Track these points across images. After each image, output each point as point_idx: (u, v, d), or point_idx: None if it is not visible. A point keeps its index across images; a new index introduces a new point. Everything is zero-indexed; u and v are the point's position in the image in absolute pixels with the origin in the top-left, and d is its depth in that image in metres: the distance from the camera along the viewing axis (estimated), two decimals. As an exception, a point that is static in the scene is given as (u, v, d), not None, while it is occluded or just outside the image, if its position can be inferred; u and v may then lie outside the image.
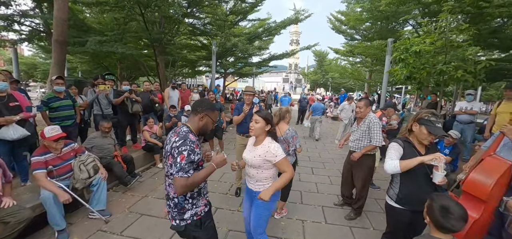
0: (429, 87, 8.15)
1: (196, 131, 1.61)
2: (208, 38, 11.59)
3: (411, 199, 1.85)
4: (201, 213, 1.63)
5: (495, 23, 7.35)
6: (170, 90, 6.45)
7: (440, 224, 1.34)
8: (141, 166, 4.85)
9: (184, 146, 1.43)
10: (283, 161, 1.82)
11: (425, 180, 1.81)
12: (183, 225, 1.58)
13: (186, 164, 1.41)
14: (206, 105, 1.64)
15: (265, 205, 1.90)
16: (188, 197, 1.58)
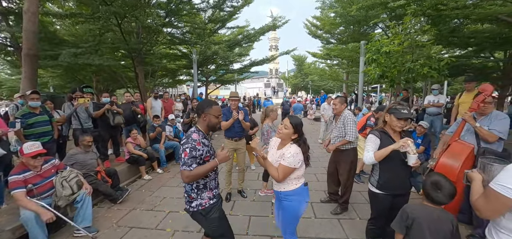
0: (401, 85, 8.79)
1: (205, 129, 1.86)
2: (188, 47, 11.53)
3: (390, 184, 2.03)
4: (205, 204, 1.83)
5: (453, 23, 8.14)
6: (153, 100, 6.34)
7: (431, 197, 1.57)
8: (126, 179, 4.70)
9: (187, 144, 1.70)
10: (284, 168, 1.84)
11: (401, 167, 1.98)
12: (191, 211, 1.86)
13: (189, 159, 1.67)
14: (205, 105, 1.87)
15: (293, 207, 1.94)
16: (194, 187, 1.82)
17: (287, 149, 1.89)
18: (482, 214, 1.22)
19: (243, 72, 15.83)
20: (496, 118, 2.55)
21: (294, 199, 1.93)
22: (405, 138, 1.87)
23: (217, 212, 1.89)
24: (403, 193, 2.04)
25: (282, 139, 1.96)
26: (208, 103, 1.87)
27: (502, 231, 1.18)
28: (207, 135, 1.89)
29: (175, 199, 3.92)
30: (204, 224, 1.89)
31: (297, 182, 1.94)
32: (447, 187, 1.53)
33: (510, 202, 1.08)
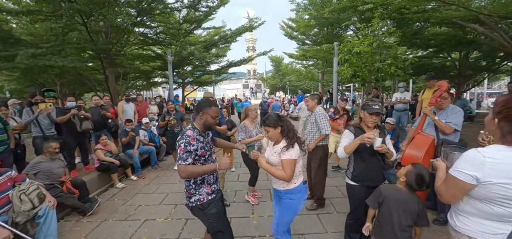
0: (371, 84, 9.33)
1: (201, 128, 1.91)
2: (162, 48, 11.11)
3: (364, 176, 2.14)
4: (203, 199, 1.88)
5: (415, 26, 8.83)
6: (124, 104, 6.00)
7: (412, 187, 1.74)
8: (97, 189, 4.39)
9: (181, 140, 1.77)
10: (288, 161, 1.85)
11: (373, 159, 2.10)
12: (190, 206, 1.91)
13: (184, 153, 1.73)
14: (203, 105, 1.92)
15: (290, 206, 1.97)
16: (192, 182, 1.88)
17: (282, 144, 1.93)
18: (443, 199, 1.31)
19: (221, 73, 15.65)
20: (452, 112, 2.80)
21: (295, 197, 1.96)
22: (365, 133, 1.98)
23: (216, 207, 1.93)
24: (377, 185, 2.14)
25: (274, 141, 2.01)
26: (207, 103, 1.93)
27: (461, 213, 1.29)
28: (204, 133, 1.93)
29: (152, 207, 3.75)
30: (203, 219, 1.94)
31: (296, 180, 1.97)
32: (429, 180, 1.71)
33: (466, 185, 1.17)
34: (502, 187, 1.09)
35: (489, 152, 1.14)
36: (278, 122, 1.94)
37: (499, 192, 1.11)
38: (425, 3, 6.25)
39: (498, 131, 1.18)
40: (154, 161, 5.55)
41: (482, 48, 9.21)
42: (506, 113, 1.13)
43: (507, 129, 1.13)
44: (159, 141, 6.14)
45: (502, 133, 1.15)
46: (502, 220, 1.16)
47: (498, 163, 1.10)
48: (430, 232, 2.70)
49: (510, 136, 1.12)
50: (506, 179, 1.08)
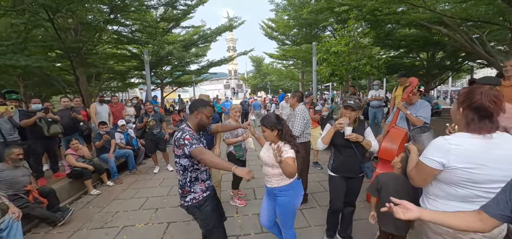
0: (349, 82, 9.72)
1: (195, 127, 1.91)
2: (138, 47, 10.66)
3: (342, 167, 2.28)
4: (199, 197, 1.89)
5: (387, 28, 9.35)
6: (98, 105, 5.66)
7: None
8: (68, 197, 4.10)
9: (184, 133, 1.78)
10: (289, 159, 1.83)
11: (350, 152, 2.21)
12: (186, 206, 1.90)
13: (192, 140, 1.74)
14: (199, 104, 1.93)
15: (288, 204, 1.99)
16: (187, 180, 1.87)
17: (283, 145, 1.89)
18: (415, 182, 1.41)
19: (201, 73, 15.36)
20: (421, 106, 3.02)
21: (290, 193, 1.98)
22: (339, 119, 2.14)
23: (211, 204, 1.95)
24: (354, 176, 2.26)
25: (271, 141, 2.00)
26: (203, 103, 1.95)
27: (430, 197, 1.39)
28: (198, 132, 1.92)
29: (130, 212, 3.57)
30: (198, 217, 1.93)
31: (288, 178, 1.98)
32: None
33: (433, 171, 1.27)
34: (465, 171, 1.19)
35: (455, 139, 1.24)
36: (276, 125, 1.91)
37: (463, 175, 1.20)
38: (395, 5, 6.64)
39: (463, 120, 1.27)
40: (132, 165, 5.30)
41: (446, 49, 9.99)
42: (468, 103, 1.23)
43: (471, 117, 1.22)
44: (137, 144, 5.87)
45: (466, 121, 1.25)
46: (466, 201, 1.27)
47: (462, 150, 1.19)
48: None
49: (473, 124, 1.22)
50: (469, 164, 1.18)
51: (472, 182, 1.21)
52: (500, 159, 1.19)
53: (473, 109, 1.22)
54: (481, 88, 1.24)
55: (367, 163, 2.21)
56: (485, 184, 1.21)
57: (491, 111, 1.18)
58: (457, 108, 1.31)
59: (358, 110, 2.14)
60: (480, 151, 1.19)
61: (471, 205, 1.26)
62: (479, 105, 1.19)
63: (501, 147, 1.21)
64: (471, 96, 1.23)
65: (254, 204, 3.63)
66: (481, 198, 1.25)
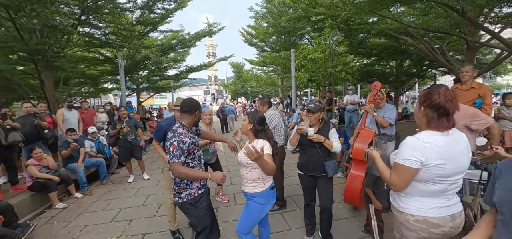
0: (326, 88, 10.09)
1: (191, 125, 1.99)
2: (113, 50, 10.15)
3: (306, 166, 2.45)
4: (194, 194, 1.92)
5: (360, 37, 9.91)
6: (65, 111, 5.26)
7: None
8: (30, 212, 3.74)
9: (174, 138, 1.79)
10: (266, 156, 1.82)
11: (313, 151, 2.36)
12: (180, 203, 1.92)
13: (177, 151, 1.76)
14: (198, 105, 2.03)
15: (255, 209, 1.98)
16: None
17: (256, 144, 1.90)
18: (397, 187, 1.40)
19: (180, 78, 14.98)
20: (387, 110, 3.25)
21: (261, 200, 1.98)
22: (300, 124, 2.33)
23: (206, 201, 2.00)
24: (318, 174, 2.41)
25: (243, 132, 2.14)
26: (199, 104, 2.06)
27: (402, 195, 1.45)
28: (191, 130, 1.99)
29: (101, 225, 3.34)
30: (193, 214, 1.95)
31: (262, 184, 1.97)
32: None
33: (414, 171, 1.31)
34: (438, 167, 1.27)
35: (425, 137, 1.31)
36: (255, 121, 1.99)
37: (436, 171, 1.28)
38: (366, 16, 7.07)
39: (424, 118, 1.38)
40: (104, 175, 4.97)
41: (412, 57, 10.80)
42: (428, 102, 1.34)
43: (431, 114, 1.33)
44: (109, 152, 5.54)
45: (427, 119, 1.36)
46: (435, 196, 1.36)
47: (434, 146, 1.28)
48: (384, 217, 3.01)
49: (433, 121, 1.33)
50: (441, 160, 1.27)
51: (442, 177, 1.30)
52: (459, 152, 1.32)
53: (433, 108, 1.32)
54: (439, 89, 1.36)
55: (329, 161, 2.33)
56: (451, 177, 1.32)
57: (448, 109, 1.29)
58: (419, 108, 1.42)
59: (318, 112, 2.31)
60: (446, 146, 1.29)
61: (439, 199, 1.36)
62: (437, 103, 1.30)
63: (458, 141, 1.33)
64: (431, 96, 1.34)
65: (234, 209, 3.58)
66: (448, 192, 1.36)
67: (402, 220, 1.44)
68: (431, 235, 1.36)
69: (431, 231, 1.35)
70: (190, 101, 2.03)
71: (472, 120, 2.22)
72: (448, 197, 1.38)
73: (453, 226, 1.36)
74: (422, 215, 1.36)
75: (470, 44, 6.28)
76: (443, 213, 1.35)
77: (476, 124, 2.21)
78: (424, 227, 1.35)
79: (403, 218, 1.43)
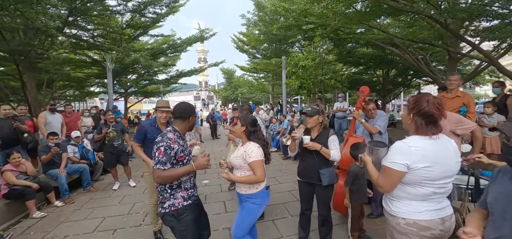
0: (316, 95, 10.24)
1: (185, 131, 1.88)
2: (100, 53, 9.90)
3: (303, 173, 2.41)
4: (178, 204, 1.76)
5: (348, 46, 10.20)
6: (48, 115, 5.02)
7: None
8: (3, 223, 3.48)
9: (162, 142, 1.67)
10: (257, 163, 1.91)
11: (310, 159, 2.31)
12: (162, 213, 1.77)
13: (163, 157, 1.64)
14: (192, 110, 1.91)
15: (252, 209, 1.99)
16: (167, 186, 1.76)
17: (247, 147, 1.98)
18: (384, 189, 1.46)
19: (170, 83, 14.78)
20: (379, 118, 3.30)
21: (256, 201, 1.99)
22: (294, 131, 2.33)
23: (191, 214, 1.81)
24: (315, 182, 2.33)
25: (237, 135, 2.16)
26: (193, 108, 1.97)
27: (394, 199, 1.47)
28: (183, 136, 1.89)
29: (82, 236, 3.15)
30: (175, 227, 1.77)
31: (258, 185, 1.99)
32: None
33: (400, 174, 1.35)
34: (424, 170, 1.31)
35: (411, 142, 1.36)
36: (246, 122, 2.04)
37: (423, 174, 1.32)
38: (355, 26, 7.30)
39: (412, 125, 1.42)
40: (87, 182, 4.74)
41: (398, 67, 11.20)
42: (417, 109, 1.38)
43: (420, 121, 1.37)
44: (94, 158, 5.32)
45: (416, 125, 1.40)
46: (425, 199, 1.38)
47: (420, 150, 1.32)
48: (370, 223, 3.02)
49: (422, 128, 1.37)
50: (427, 163, 1.31)
51: (430, 179, 1.33)
52: (446, 156, 1.36)
53: (421, 115, 1.37)
54: (427, 97, 1.40)
55: (324, 169, 2.24)
56: (439, 181, 1.35)
57: (436, 117, 1.33)
58: (407, 114, 1.45)
59: (315, 115, 2.27)
60: (433, 150, 1.33)
61: (429, 202, 1.39)
62: (426, 111, 1.34)
63: (445, 146, 1.38)
64: (419, 104, 1.38)
65: (223, 217, 3.50)
66: (436, 195, 1.38)
67: (393, 224, 1.46)
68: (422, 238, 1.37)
69: (421, 234, 1.36)
70: (183, 105, 1.89)
71: (457, 125, 2.30)
72: (437, 201, 1.40)
73: (443, 229, 1.38)
74: (413, 218, 1.38)
75: (451, 55, 6.59)
76: (433, 216, 1.37)
77: (461, 129, 2.30)
78: (415, 231, 1.37)
79: (394, 222, 1.45)
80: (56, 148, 4.28)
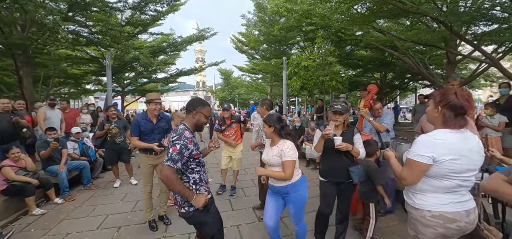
0: (314, 97, 10.29)
1: (192, 127, 1.80)
2: (99, 50, 9.75)
3: (329, 172, 2.29)
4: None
5: (347, 49, 10.29)
6: (47, 110, 4.90)
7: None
8: (3, 219, 3.38)
9: (179, 141, 1.63)
10: (289, 162, 1.99)
11: (337, 157, 2.23)
12: (192, 211, 1.71)
13: (177, 155, 1.60)
14: (197, 103, 1.83)
15: (300, 198, 2.11)
16: (191, 183, 1.74)
17: (283, 145, 2.04)
18: (408, 181, 1.45)
19: (169, 82, 14.62)
20: (386, 116, 3.33)
21: (301, 187, 2.12)
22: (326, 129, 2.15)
23: (214, 206, 1.89)
24: (344, 181, 2.26)
25: (269, 138, 2.16)
26: (201, 102, 1.86)
27: (417, 192, 1.47)
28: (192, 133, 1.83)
29: (86, 233, 3.07)
30: (206, 221, 1.78)
31: (297, 172, 2.11)
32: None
33: (426, 166, 1.36)
34: (450, 162, 1.31)
35: (437, 134, 1.37)
36: (274, 122, 2.09)
37: (449, 167, 1.32)
38: (357, 28, 7.38)
39: (440, 117, 1.42)
40: (88, 179, 4.63)
41: (396, 70, 11.36)
42: (445, 102, 1.38)
43: (448, 114, 1.38)
44: (94, 155, 5.21)
45: (444, 118, 1.40)
46: (450, 192, 1.39)
47: (446, 143, 1.33)
48: (380, 221, 3.02)
49: (451, 120, 1.37)
50: (453, 155, 1.31)
51: (455, 172, 1.34)
52: (472, 150, 1.36)
53: (450, 108, 1.37)
54: (454, 90, 1.40)
55: (354, 167, 2.21)
56: (464, 173, 1.35)
57: (465, 109, 1.34)
58: (434, 108, 1.45)
59: (345, 114, 2.22)
60: (458, 143, 1.34)
61: (454, 195, 1.39)
62: (455, 104, 1.35)
63: (469, 139, 1.38)
64: (447, 96, 1.39)
65: (231, 215, 3.46)
66: (461, 188, 1.39)
67: (417, 217, 1.46)
68: (448, 231, 1.38)
69: (447, 226, 1.37)
70: (191, 99, 1.91)
71: None
72: (462, 193, 1.41)
73: (468, 222, 1.39)
74: (439, 210, 1.39)
75: (450, 59, 6.71)
76: (459, 208, 1.38)
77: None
78: (441, 223, 1.37)
79: (419, 215, 1.45)
80: (55, 143, 4.16)
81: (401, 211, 3.35)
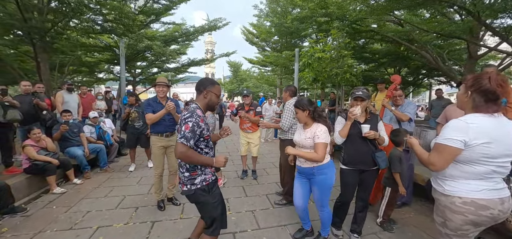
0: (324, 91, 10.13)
1: (204, 107, 1.80)
2: (112, 38, 9.86)
3: (353, 160, 2.24)
4: (209, 179, 1.79)
5: (361, 42, 10.03)
6: (65, 94, 5.00)
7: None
8: (24, 197, 3.50)
9: (191, 118, 1.64)
10: (321, 144, 2.02)
11: (362, 143, 2.19)
12: (193, 190, 1.74)
13: (189, 133, 1.61)
14: (207, 83, 1.82)
15: (326, 182, 2.13)
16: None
17: (316, 128, 2.08)
18: (436, 167, 1.40)
19: (180, 72, 14.70)
20: (408, 106, 3.24)
21: (328, 171, 2.12)
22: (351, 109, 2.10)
23: (218, 187, 1.89)
24: (367, 168, 2.23)
25: (303, 122, 2.18)
26: (211, 81, 1.85)
27: (447, 179, 1.42)
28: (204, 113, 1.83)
29: (105, 212, 3.16)
30: (208, 201, 1.78)
31: (326, 156, 2.11)
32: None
33: (457, 151, 1.31)
34: (484, 146, 1.26)
35: (469, 119, 1.31)
36: (307, 106, 2.11)
37: (481, 151, 1.27)
38: (373, 19, 7.15)
39: (470, 102, 1.37)
40: (104, 161, 4.75)
41: (411, 65, 11.03)
42: (477, 87, 1.32)
43: (478, 99, 1.32)
44: (110, 139, 5.31)
45: (474, 103, 1.34)
46: (483, 178, 1.34)
47: (479, 127, 1.27)
48: (396, 213, 2.98)
49: (481, 105, 1.32)
50: (486, 139, 1.26)
51: (489, 157, 1.28)
52: (505, 133, 1.30)
53: (481, 93, 1.31)
54: (489, 74, 1.33)
55: (379, 153, 2.18)
56: (499, 159, 1.30)
57: (498, 94, 1.27)
58: (464, 92, 1.39)
59: (367, 99, 2.17)
60: (492, 128, 1.28)
61: (488, 181, 1.34)
62: (487, 88, 1.28)
63: (504, 124, 1.32)
64: (480, 80, 1.32)
65: (245, 201, 3.47)
66: (496, 174, 1.33)
67: (446, 204, 1.42)
68: (479, 218, 1.34)
69: (479, 213, 1.33)
70: (200, 80, 1.88)
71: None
72: (496, 181, 1.36)
73: (502, 210, 1.34)
74: (471, 197, 1.34)
75: (472, 53, 6.43)
76: (493, 195, 1.33)
77: None
78: (472, 209, 1.33)
79: (448, 201, 1.41)
80: (65, 126, 4.19)
81: (417, 205, 3.30)
